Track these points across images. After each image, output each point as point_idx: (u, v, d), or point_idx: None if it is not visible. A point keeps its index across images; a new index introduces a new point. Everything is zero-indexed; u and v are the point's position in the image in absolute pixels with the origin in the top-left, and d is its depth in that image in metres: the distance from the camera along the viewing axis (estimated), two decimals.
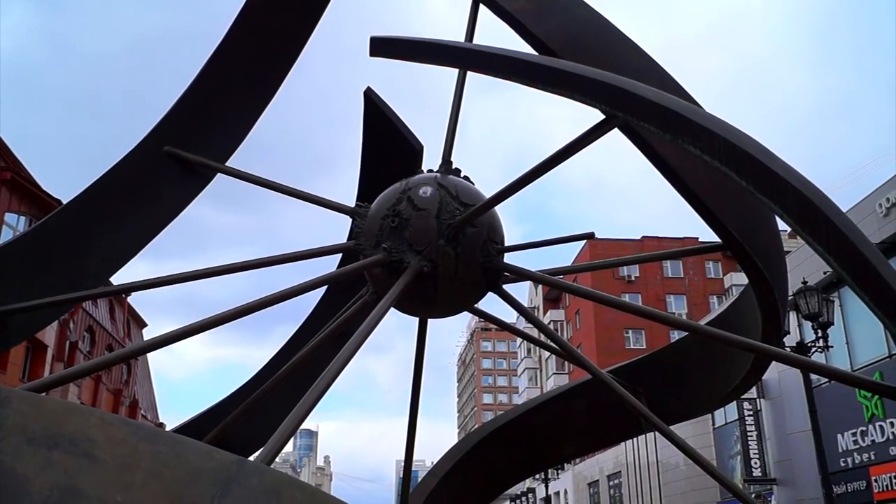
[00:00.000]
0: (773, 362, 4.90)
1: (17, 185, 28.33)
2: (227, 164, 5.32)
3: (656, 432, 4.36)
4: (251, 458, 3.12)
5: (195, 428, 5.41)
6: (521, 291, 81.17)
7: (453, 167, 4.38)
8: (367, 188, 5.16)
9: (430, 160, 4.56)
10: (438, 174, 4.30)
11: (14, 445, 1.85)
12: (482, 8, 4.50)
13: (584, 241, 57.54)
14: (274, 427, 2.87)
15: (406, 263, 3.93)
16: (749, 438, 29.51)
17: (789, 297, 16.29)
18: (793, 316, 19.04)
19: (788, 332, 17.84)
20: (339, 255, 5.43)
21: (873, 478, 22.36)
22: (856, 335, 23.49)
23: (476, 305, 4.82)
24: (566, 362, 57.90)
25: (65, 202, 4.89)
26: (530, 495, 64.41)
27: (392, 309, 4.32)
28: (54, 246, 4.67)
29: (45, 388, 3.08)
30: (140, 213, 5.01)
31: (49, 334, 30.54)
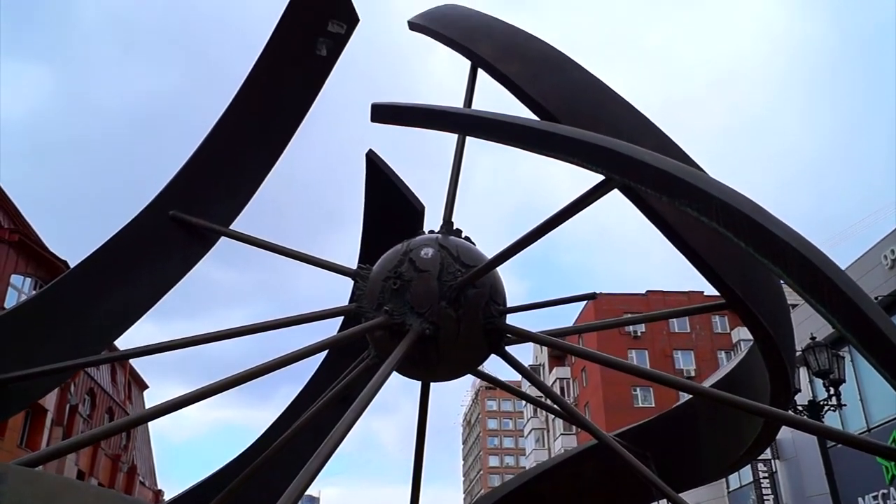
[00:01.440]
0: None
1: (24, 246, 28.53)
2: (232, 225, 5.37)
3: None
4: None
5: (196, 497, 5.33)
6: (527, 348, 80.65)
7: (454, 228, 4.40)
8: (369, 249, 5.19)
9: (433, 218, 4.59)
10: (440, 235, 4.32)
11: None
12: (480, 72, 4.59)
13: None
14: (277, 495, 2.82)
15: (408, 326, 3.92)
16: (765, 502, 28.80)
17: (798, 354, 16.14)
18: (803, 373, 18.83)
19: (799, 391, 17.63)
20: (341, 317, 5.42)
21: None
22: (870, 392, 23.10)
23: (480, 367, 4.79)
24: None
25: (72, 264, 4.92)
26: None
27: (399, 374, 4.31)
28: (58, 312, 4.68)
29: (41, 462, 3.05)
30: (145, 276, 5.03)
31: (49, 398, 30.34)
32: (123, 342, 5.43)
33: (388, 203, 5.22)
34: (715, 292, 4.13)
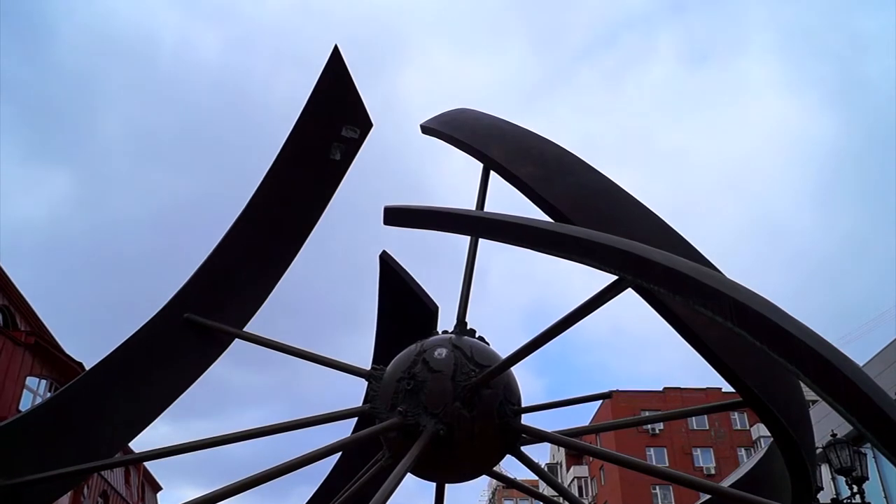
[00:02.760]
0: None
1: (39, 349, 28.58)
2: (246, 327, 5.40)
3: None
4: None
5: None
6: (544, 445, 79.02)
7: (468, 328, 4.42)
8: (383, 349, 5.20)
9: (447, 318, 4.62)
10: (453, 335, 4.33)
11: None
12: (493, 174, 4.69)
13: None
14: None
15: (422, 427, 3.89)
16: None
17: (819, 451, 15.76)
18: (825, 470, 18.35)
19: (822, 488, 17.15)
20: (355, 418, 5.38)
21: None
22: (894, 489, 22.47)
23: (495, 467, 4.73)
24: None
25: (87, 365, 4.95)
26: None
27: (414, 475, 4.25)
28: (72, 414, 4.68)
29: None
30: (160, 378, 5.05)
31: (62, 501, 29.86)
32: (138, 442, 5.40)
33: (402, 303, 5.26)
34: (733, 390, 4.11)
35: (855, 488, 16.68)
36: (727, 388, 4.29)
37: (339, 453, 6.00)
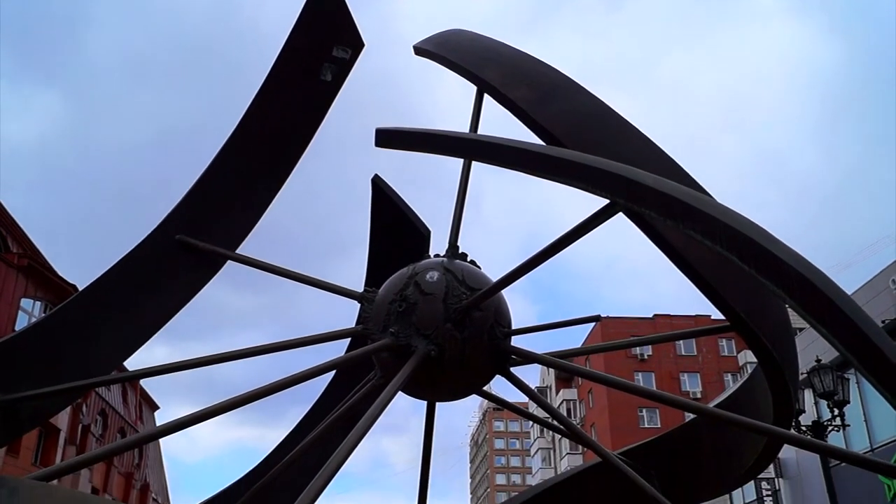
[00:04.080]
0: None
1: (33, 271, 28.70)
2: (239, 250, 5.41)
3: None
4: None
5: None
6: (534, 370, 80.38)
7: (460, 252, 4.45)
8: (375, 273, 5.23)
9: (439, 244, 4.64)
10: (445, 259, 4.36)
11: None
12: (487, 97, 4.64)
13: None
14: None
15: (413, 348, 3.96)
16: None
17: (803, 376, 16.10)
18: (808, 395, 18.77)
19: (804, 411, 17.57)
20: (349, 339, 5.45)
21: None
22: (874, 413, 23.04)
23: (486, 388, 4.82)
24: None
25: (80, 287, 4.96)
26: None
27: (406, 394, 4.34)
28: (68, 333, 4.73)
29: (55, 476, 3.09)
30: (152, 299, 5.08)
31: (61, 418, 30.46)
32: (134, 363, 5.48)
33: (394, 227, 5.27)
34: (722, 317, 4.17)
35: (836, 411, 17.09)
36: (716, 315, 4.35)
37: (332, 374, 6.10)
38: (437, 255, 4.51)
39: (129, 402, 43.41)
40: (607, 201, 3.35)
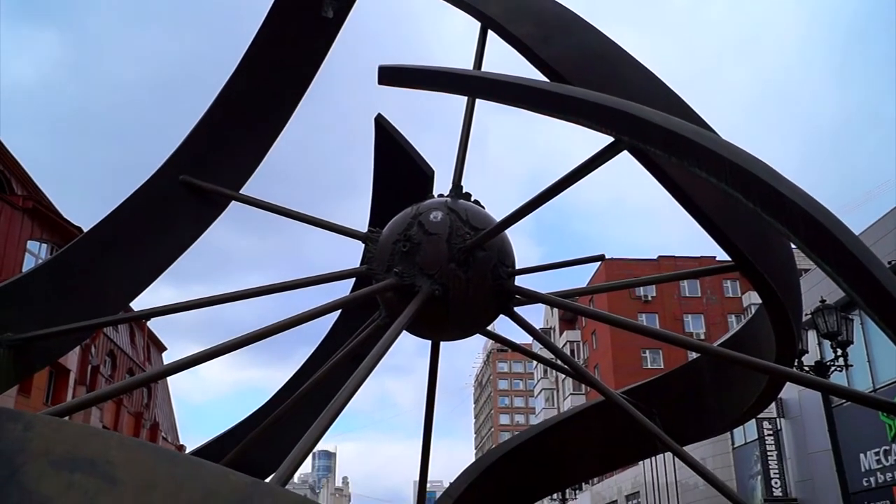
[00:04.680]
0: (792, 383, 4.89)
1: (38, 213, 28.75)
2: (242, 190, 5.41)
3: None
4: (267, 479, 3.16)
5: (214, 450, 5.46)
6: (538, 312, 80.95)
7: (464, 191, 4.44)
8: (379, 213, 5.22)
9: (443, 185, 4.62)
10: (449, 199, 4.35)
11: (37, 468, 1.90)
12: (491, 34, 4.57)
13: (599, 262, 57.15)
14: (290, 448, 2.91)
15: (417, 287, 3.98)
16: (769, 458, 29.17)
17: (807, 316, 16.16)
18: (812, 335, 18.87)
19: (807, 352, 17.69)
20: (354, 279, 5.48)
21: None
22: (877, 354, 23.20)
23: (490, 328, 4.86)
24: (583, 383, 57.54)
25: (85, 229, 4.98)
26: None
27: (410, 334, 4.38)
28: (74, 273, 4.76)
29: (67, 413, 3.14)
30: (157, 240, 5.09)
31: (71, 359, 30.90)
32: (141, 305, 5.52)
33: (397, 167, 5.24)
34: (727, 258, 4.17)
35: (839, 352, 17.22)
36: (721, 257, 4.35)
37: (337, 316, 6.15)
38: (440, 196, 4.50)
39: (137, 344, 43.98)
40: (612, 139, 3.32)
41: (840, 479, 15.74)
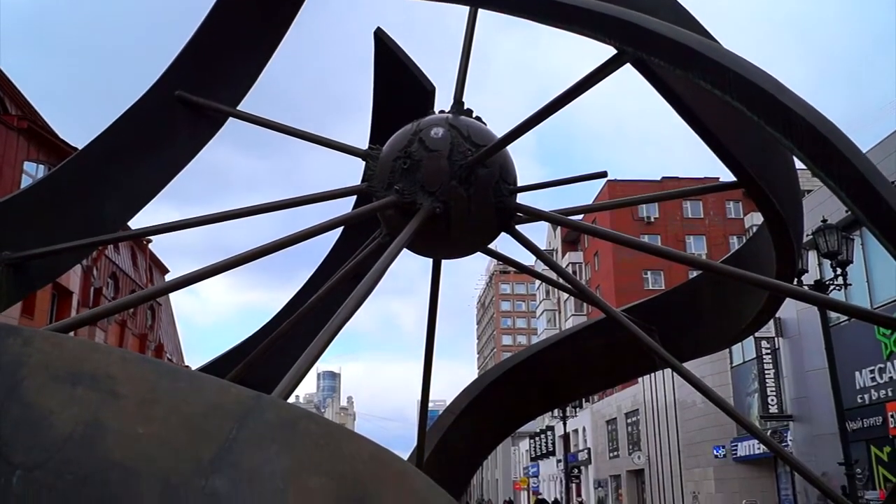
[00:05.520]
0: (791, 302, 4.92)
1: (34, 133, 28.51)
2: (239, 107, 5.32)
3: (672, 371, 4.40)
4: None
5: (217, 369, 5.52)
6: (540, 234, 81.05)
7: (465, 108, 4.36)
8: (380, 130, 5.15)
9: (444, 102, 4.54)
10: (450, 115, 4.29)
11: (38, 382, 1.91)
12: None
13: (603, 183, 57.09)
14: (292, 365, 2.93)
15: (418, 205, 3.95)
16: (766, 376, 29.67)
17: (808, 236, 16.18)
18: (812, 256, 18.94)
19: (807, 271, 17.78)
20: (355, 197, 5.45)
21: (889, 413, 22.53)
22: (876, 274, 23.37)
23: (494, 247, 4.85)
24: (584, 304, 58.01)
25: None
26: (549, 433, 65.34)
27: (411, 252, 4.37)
28: (71, 191, 4.72)
29: (68, 329, 3.16)
30: (153, 157, 5.03)
31: (74, 281, 31.13)
32: (141, 225, 5.50)
33: (398, 82, 5.14)
34: (731, 178, 4.13)
35: (839, 271, 17.30)
36: (724, 177, 4.31)
37: (339, 235, 6.14)
38: (441, 112, 4.43)
39: (139, 265, 44.22)
40: (615, 52, 3.25)
41: (835, 396, 16.00)
